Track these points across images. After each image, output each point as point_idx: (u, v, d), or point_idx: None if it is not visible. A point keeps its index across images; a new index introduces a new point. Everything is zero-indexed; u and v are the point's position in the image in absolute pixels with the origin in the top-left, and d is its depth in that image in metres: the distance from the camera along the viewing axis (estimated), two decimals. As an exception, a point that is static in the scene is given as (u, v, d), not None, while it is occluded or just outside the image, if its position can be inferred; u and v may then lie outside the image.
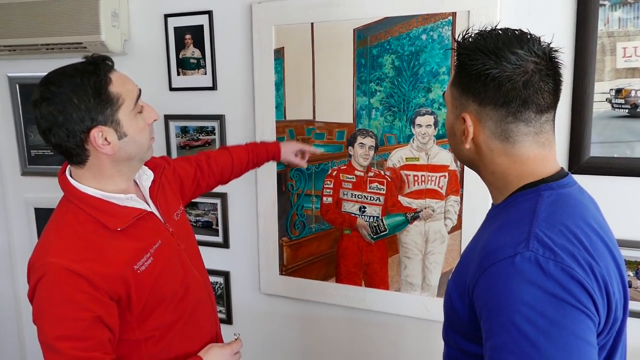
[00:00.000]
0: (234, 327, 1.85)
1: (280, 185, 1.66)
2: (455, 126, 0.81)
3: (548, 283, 0.64)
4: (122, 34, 1.75)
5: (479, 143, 0.78)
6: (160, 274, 1.06)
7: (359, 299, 1.60)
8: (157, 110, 1.76)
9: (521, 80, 0.73)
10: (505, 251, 0.68)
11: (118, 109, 1.00)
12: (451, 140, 0.85)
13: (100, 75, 0.99)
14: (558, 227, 0.69)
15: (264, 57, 1.60)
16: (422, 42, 1.44)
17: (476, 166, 0.82)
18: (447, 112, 0.84)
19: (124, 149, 1.02)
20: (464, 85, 0.77)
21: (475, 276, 0.71)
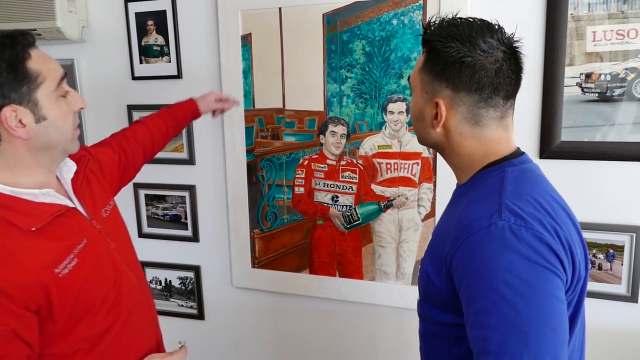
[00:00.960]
0: (206, 322, 1.81)
1: (250, 176, 1.61)
2: (425, 111, 0.83)
3: (521, 247, 0.69)
4: (80, 20, 1.66)
5: (449, 127, 0.81)
6: (88, 277, 0.95)
7: (334, 289, 1.58)
8: (119, 100, 1.72)
9: (493, 68, 0.77)
10: (481, 223, 0.72)
11: (36, 88, 0.90)
12: (418, 125, 0.87)
13: (17, 49, 0.88)
14: (525, 197, 0.74)
15: (231, 44, 1.55)
16: (392, 27, 1.41)
17: (442, 149, 0.86)
18: (415, 96, 0.86)
19: (43, 134, 0.90)
20: (436, 71, 0.79)
21: (453, 249, 0.74)
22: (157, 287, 1.84)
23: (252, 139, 1.59)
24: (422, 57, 0.83)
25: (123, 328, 1.01)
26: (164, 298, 1.84)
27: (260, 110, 1.57)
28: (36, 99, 0.90)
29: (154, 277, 1.83)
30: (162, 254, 1.80)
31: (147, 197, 1.77)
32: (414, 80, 0.86)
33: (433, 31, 0.80)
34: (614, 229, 1.33)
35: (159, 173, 1.73)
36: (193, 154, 1.68)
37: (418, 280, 0.90)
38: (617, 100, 1.27)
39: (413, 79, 0.86)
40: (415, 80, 0.85)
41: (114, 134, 1.30)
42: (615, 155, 1.28)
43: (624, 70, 1.26)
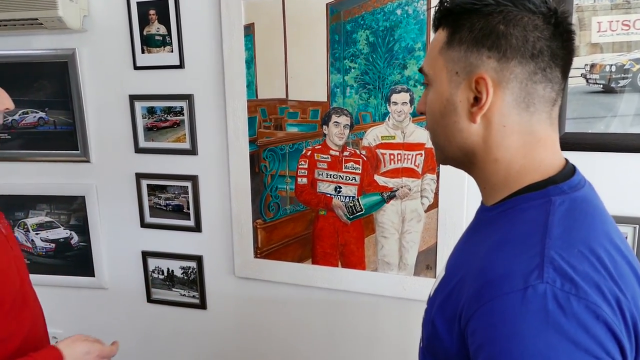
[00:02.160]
0: (209, 311, 1.81)
1: (253, 166, 1.61)
2: (457, 98, 0.64)
3: (569, 327, 0.49)
4: (81, 10, 1.65)
5: (491, 116, 0.62)
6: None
7: (336, 280, 1.58)
8: (122, 90, 1.71)
9: (548, 30, 0.61)
10: (513, 282, 0.53)
11: None
12: (444, 121, 0.66)
13: None
14: (578, 248, 0.55)
15: (234, 34, 1.54)
16: (397, 17, 1.41)
17: (472, 156, 0.66)
18: (436, 86, 0.67)
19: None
20: (471, 40, 0.62)
21: (472, 306, 0.56)
22: (159, 276, 1.84)
23: (254, 130, 1.58)
24: (441, 34, 0.66)
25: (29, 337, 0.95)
26: (166, 288, 1.84)
27: (263, 100, 1.56)
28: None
29: (157, 266, 1.84)
30: (165, 244, 1.81)
31: (150, 187, 1.77)
32: (433, 66, 0.67)
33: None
34: (618, 221, 1.32)
35: (162, 163, 1.73)
36: (195, 144, 1.68)
37: (422, 323, 0.73)
38: (621, 91, 1.27)
39: (431, 65, 0.67)
40: (435, 65, 0.66)
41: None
42: (619, 147, 1.28)
43: (629, 62, 1.25)
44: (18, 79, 1.79)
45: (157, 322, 1.89)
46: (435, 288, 0.70)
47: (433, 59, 0.67)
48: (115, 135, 1.76)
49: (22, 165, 1.87)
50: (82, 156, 1.80)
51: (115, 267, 1.89)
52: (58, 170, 1.85)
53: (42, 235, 1.93)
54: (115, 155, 1.78)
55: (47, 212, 1.91)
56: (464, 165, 0.69)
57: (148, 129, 1.71)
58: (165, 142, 1.71)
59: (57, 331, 1.89)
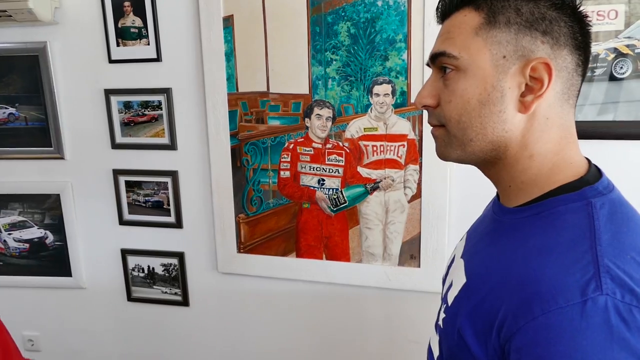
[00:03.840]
0: (191, 308, 1.79)
1: (234, 160, 1.59)
2: (505, 84, 0.57)
3: (635, 341, 0.46)
4: (52, 1, 1.59)
5: (538, 106, 0.57)
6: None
7: (321, 272, 1.59)
8: (96, 84, 1.67)
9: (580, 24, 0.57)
10: (568, 294, 0.49)
11: None
12: (485, 110, 0.59)
13: None
14: (629, 254, 0.51)
15: (212, 26, 1.51)
16: (377, 8, 1.41)
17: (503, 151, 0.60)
18: (474, 69, 0.59)
19: None
20: (521, 23, 0.56)
21: (517, 321, 0.51)
22: (139, 274, 1.81)
23: (235, 123, 1.57)
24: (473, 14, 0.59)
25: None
26: (147, 285, 1.81)
27: (244, 93, 1.54)
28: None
29: (137, 264, 1.81)
30: (145, 241, 1.77)
31: (128, 183, 1.73)
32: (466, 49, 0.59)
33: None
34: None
35: (140, 159, 1.69)
36: (175, 139, 1.65)
37: (440, 332, 0.68)
38: (598, 80, 1.30)
39: (464, 47, 0.59)
40: (471, 46, 0.59)
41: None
42: (596, 134, 1.31)
43: (604, 51, 1.28)
44: (-14, 74, 1.72)
45: (138, 321, 1.86)
46: (456, 296, 0.65)
47: (467, 40, 0.59)
48: (91, 131, 1.71)
49: (-8, 164, 1.81)
50: (56, 153, 1.75)
51: (93, 266, 1.85)
52: (31, 168, 1.79)
53: (15, 235, 1.87)
54: (91, 151, 1.73)
55: (20, 212, 1.85)
56: (487, 162, 0.63)
57: (125, 124, 1.68)
58: (143, 137, 1.67)
59: (35, 334, 1.84)
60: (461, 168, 1.39)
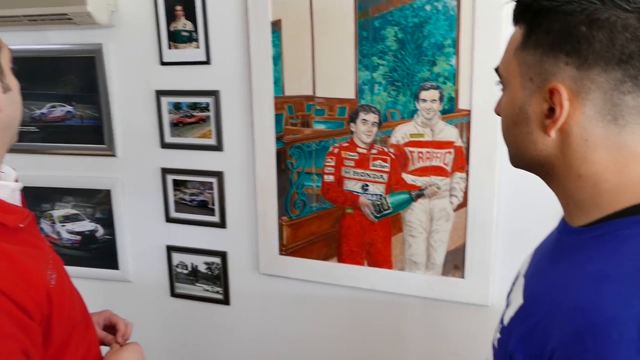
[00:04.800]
0: (232, 307, 1.82)
1: (279, 163, 1.60)
2: (530, 107, 0.58)
3: None
4: (109, 5, 1.65)
5: (569, 129, 0.56)
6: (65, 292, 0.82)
7: (362, 278, 1.58)
8: (148, 85, 1.72)
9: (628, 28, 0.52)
10: (623, 328, 0.46)
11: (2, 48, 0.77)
12: (516, 131, 0.61)
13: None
14: None
15: (261, 30, 1.53)
16: (426, 12, 1.38)
17: (551, 167, 0.59)
18: (509, 90, 0.61)
19: (8, 107, 0.75)
20: (549, 43, 0.55)
21: (568, 351, 0.49)
22: (183, 271, 1.86)
23: (281, 126, 1.58)
24: (517, 33, 0.60)
25: (89, 354, 0.90)
26: (189, 283, 1.86)
27: (290, 97, 1.55)
28: (1, 64, 0.76)
29: (181, 261, 1.85)
30: (189, 239, 1.82)
31: (175, 182, 1.78)
32: (507, 68, 0.61)
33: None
34: None
35: (187, 159, 1.73)
36: (221, 141, 1.68)
37: (494, 352, 0.67)
38: None
39: (505, 66, 0.61)
40: (509, 66, 0.60)
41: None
42: None
43: None
44: (46, 73, 1.80)
45: (180, 316, 1.90)
46: (512, 317, 0.63)
47: (508, 60, 0.61)
48: (142, 130, 1.77)
49: (49, 158, 1.89)
50: (108, 150, 1.82)
51: (139, 261, 1.91)
52: (84, 164, 1.86)
53: (68, 227, 1.95)
54: (141, 149, 1.79)
55: (73, 205, 1.93)
56: (541, 175, 0.63)
57: (174, 124, 1.72)
58: (191, 137, 1.71)
59: (83, 323, 1.91)
60: (510, 178, 1.35)
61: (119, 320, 1.11)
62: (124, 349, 1.00)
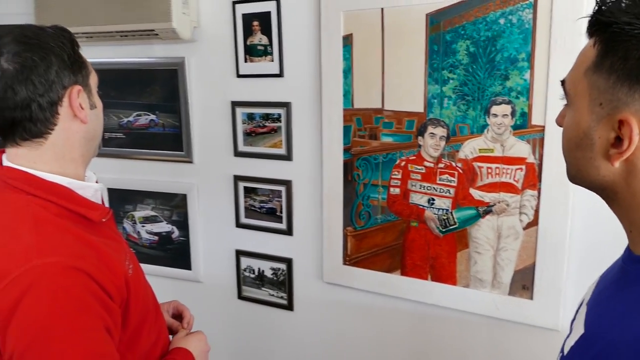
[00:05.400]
0: (295, 313, 1.86)
1: (346, 174, 1.63)
2: (596, 133, 0.56)
3: None
4: (192, 21, 1.76)
5: (636, 160, 0.54)
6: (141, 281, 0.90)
7: (425, 292, 1.56)
8: (225, 96, 1.81)
9: None
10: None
11: (89, 75, 0.87)
12: (578, 153, 0.59)
13: (72, 34, 0.87)
14: None
15: (332, 44, 1.57)
16: (500, 26, 1.36)
17: (612, 193, 0.58)
18: (575, 110, 0.59)
19: (93, 122, 0.87)
20: (623, 72, 0.52)
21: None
22: (250, 275, 1.92)
23: (349, 138, 1.61)
24: (591, 50, 0.57)
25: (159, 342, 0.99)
26: (256, 287, 1.92)
27: (359, 109, 1.58)
28: (89, 85, 0.87)
29: (248, 265, 1.92)
30: (257, 245, 1.88)
31: (246, 189, 1.85)
32: (575, 85, 0.58)
33: (615, 7, 0.52)
34: None
35: (258, 167, 1.80)
36: (291, 150, 1.73)
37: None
38: None
39: (574, 83, 0.59)
40: (578, 85, 0.58)
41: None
42: None
43: None
44: (134, 84, 1.95)
45: (246, 319, 1.97)
46: (572, 346, 0.62)
47: (577, 77, 0.59)
48: (217, 139, 1.86)
49: (133, 163, 2.04)
50: (186, 157, 1.93)
51: (210, 263, 2.00)
52: (164, 169, 1.99)
53: (147, 227, 2.09)
54: (215, 157, 1.88)
55: (152, 207, 2.06)
56: (602, 197, 0.62)
57: (247, 134, 1.80)
58: (263, 147, 1.78)
59: (157, 319, 2.03)
60: (584, 197, 1.29)
61: (185, 309, 1.21)
62: (190, 336, 1.08)
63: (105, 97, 1.94)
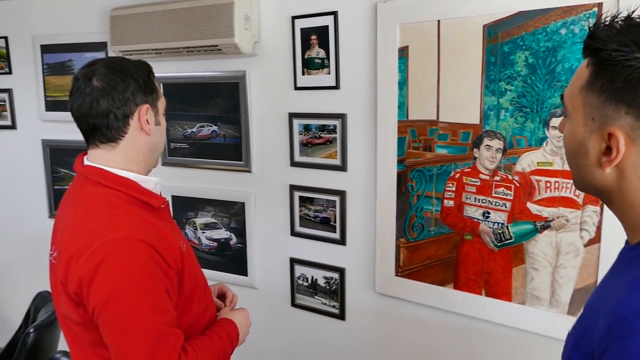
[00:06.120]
0: (347, 323, 1.87)
1: (399, 185, 1.64)
2: (589, 143, 0.64)
3: None
4: (253, 36, 1.84)
5: (624, 167, 0.62)
6: (193, 258, 1.10)
7: (479, 308, 1.53)
8: (282, 108, 1.87)
9: None
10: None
11: (158, 99, 1.08)
12: (577, 160, 0.67)
13: (150, 66, 1.09)
14: None
15: (388, 56, 1.59)
16: (560, 37, 1.33)
17: (608, 195, 0.66)
18: (573, 122, 0.67)
19: (156, 136, 1.07)
20: (612, 92, 0.61)
21: (603, 345, 0.57)
22: (303, 283, 1.96)
23: (403, 150, 1.61)
24: (585, 70, 0.65)
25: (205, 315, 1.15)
26: (309, 295, 1.95)
27: (414, 121, 1.58)
28: (157, 106, 1.08)
29: (302, 274, 1.95)
30: (311, 253, 1.91)
31: (301, 198, 1.89)
32: (572, 101, 0.67)
33: (605, 34, 0.61)
34: None
35: (314, 177, 1.84)
36: (346, 161, 1.76)
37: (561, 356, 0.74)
38: None
39: (571, 99, 0.67)
40: (574, 100, 0.66)
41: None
42: None
43: None
44: (198, 97, 2.05)
45: (298, 326, 2.00)
46: (573, 326, 0.72)
47: (573, 94, 0.67)
48: (274, 149, 1.92)
49: (195, 172, 2.14)
50: (245, 167, 2.00)
51: (265, 270, 2.05)
52: (224, 178, 2.07)
53: (207, 234, 2.17)
54: (273, 167, 1.94)
55: (212, 214, 2.15)
56: (602, 200, 0.70)
57: (303, 144, 1.84)
58: (318, 157, 1.82)
59: (214, 322, 2.09)
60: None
61: (228, 289, 1.37)
62: (234, 310, 1.25)
63: (171, 109, 2.08)
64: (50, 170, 2.50)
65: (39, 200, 2.55)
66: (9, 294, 2.71)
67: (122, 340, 0.91)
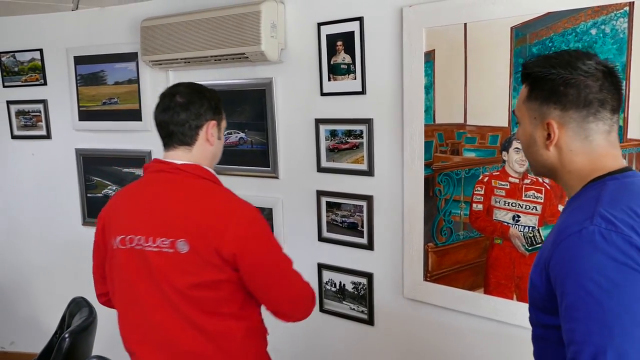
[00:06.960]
0: (376, 328, 1.87)
1: (427, 189, 1.63)
2: (536, 134, 0.93)
3: (610, 250, 0.76)
4: (279, 44, 1.86)
5: (560, 145, 0.90)
6: None
7: (509, 313, 1.51)
8: (309, 114, 1.89)
9: (596, 85, 0.86)
10: (573, 227, 0.81)
11: (222, 119, 1.33)
12: (531, 150, 0.95)
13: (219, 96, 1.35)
14: (620, 206, 0.80)
15: (414, 61, 1.59)
16: (591, 37, 1.31)
17: (554, 170, 0.93)
18: (522, 125, 0.96)
19: (217, 147, 1.31)
20: (543, 97, 0.89)
21: (550, 252, 0.83)
22: (331, 289, 1.96)
23: (430, 154, 1.61)
24: (524, 90, 0.94)
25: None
26: (337, 300, 1.95)
27: (441, 125, 1.58)
28: (221, 125, 1.32)
29: (330, 279, 1.96)
30: (338, 259, 1.92)
31: (328, 204, 1.90)
32: (519, 111, 0.96)
33: (533, 64, 0.92)
34: None
35: (340, 182, 1.85)
36: (372, 166, 1.76)
37: (528, 287, 0.95)
38: None
39: (519, 110, 0.96)
40: (521, 111, 0.95)
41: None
42: None
43: None
44: (225, 104, 2.03)
45: (327, 331, 2.00)
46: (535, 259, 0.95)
47: (519, 106, 0.96)
48: (301, 155, 1.94)
49: (224, 178, 2.11)
50: (272, 173, 2.02)
51: (293, 275, 2.06)
52: (252, 184, 2.10)
53: (235, 240, 2.19)
54: (299, 173, 1.96)
55: (240, 220, 2.17)
56: (550, 176, 0.97)
57: (330, 150, 1.85)
58: (345, 162, 1.82)
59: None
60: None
61: None
62: None
63: (200, 116, 2.11)
64: (83, 178, 2.57)
65: (73, 207, 2.62)
66: (45, 300, 2.79)
67: (278, 262, 1.30)
